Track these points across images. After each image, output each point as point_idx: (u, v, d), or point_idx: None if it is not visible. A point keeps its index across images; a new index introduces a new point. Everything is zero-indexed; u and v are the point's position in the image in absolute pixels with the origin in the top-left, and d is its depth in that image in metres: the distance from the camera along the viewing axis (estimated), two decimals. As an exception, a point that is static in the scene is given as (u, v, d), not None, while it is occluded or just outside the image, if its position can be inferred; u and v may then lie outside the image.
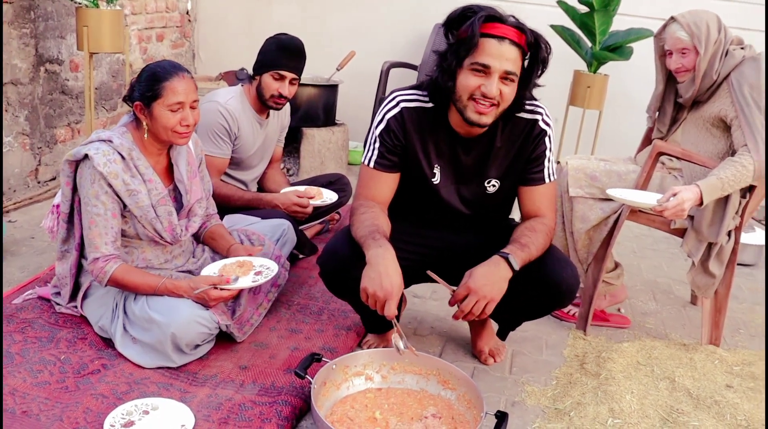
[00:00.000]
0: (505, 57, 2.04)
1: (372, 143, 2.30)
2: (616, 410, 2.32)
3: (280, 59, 3.08)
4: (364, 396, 2.26)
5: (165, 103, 2.32)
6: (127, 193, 2.34)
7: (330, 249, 2.31)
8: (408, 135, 2.26)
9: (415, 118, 2.26)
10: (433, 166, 2.31)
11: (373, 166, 2.29)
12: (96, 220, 2.32)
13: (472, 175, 2.34)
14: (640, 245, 4.28)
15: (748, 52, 2.74)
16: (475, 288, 2.06)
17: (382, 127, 2.27)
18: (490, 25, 2.04)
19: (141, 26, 4.98)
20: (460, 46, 2.07)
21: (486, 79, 2.06)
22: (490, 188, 2.36)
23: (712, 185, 2.56)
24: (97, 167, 2.28)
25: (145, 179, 2.39)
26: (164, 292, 2.34)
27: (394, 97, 2.28)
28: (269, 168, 3.50)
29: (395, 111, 2.26)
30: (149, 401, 2.11)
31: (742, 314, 3.37)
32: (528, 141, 2.29)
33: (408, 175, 2.34)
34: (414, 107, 2.26)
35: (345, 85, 4.89)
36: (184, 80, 2.35)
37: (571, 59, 5.01)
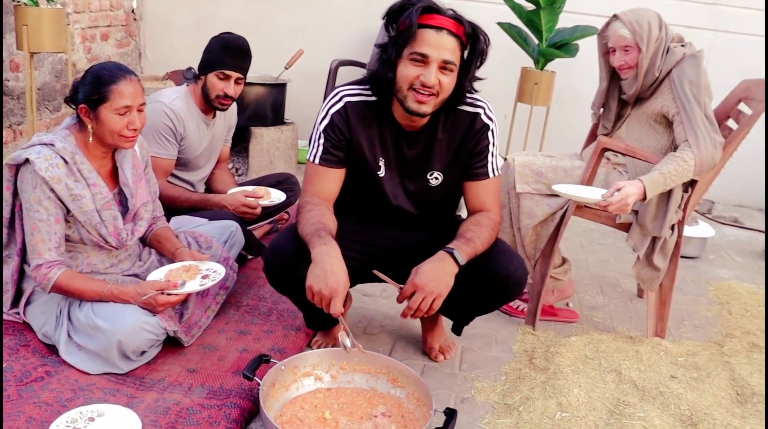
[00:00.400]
0: (443, 47, 2.07)
1: (317, 140, 2.30)
2: (564, 404, 2.35)
3: (224, 59, 3.05)
4: (313, 396, 2.25)
5: (112, 107, 2.27)
6: (70, 198, 2.29)
7: (275, 246, 2.30)
8: (352, 129, 2.27)
9: (359, 112, 2.27)
10: (378, 159, 2.32)
11: (318, 162, 2.29)
12: (38, 225, 2.27)
13: (416, 168, 2.35)
14: (588, 240, 4.34)
15: (689, 49, 2.79)
16: (422, 284, 2.06)
17: (326, 123, 2.27)
18: (428, 17, 2.07)
19: (84, 25, 4.88)
20: (399, 37, 2.10)
21: (425, 69, 2.09)
22: (432, 181, 2.37)
23: (655, 180, 2.61)
24: (38, 172, 2.22)
25: (89, 184, 2.34)
26: (110, 298, 2.30)
27: (337, 92, 2.30)
28: (217, 168, 3.46)
29: (339, 106, 2.27)
30: (95, 408, 2.07)
31: (686, 306, 3.44)
32: (470, 134, 2.31)
33: (353, 170, 2.34)
34: (357, 101, 2.27)
35: (293, 83, 4.86)
36: (131, 83, 2.30)
37: (518, 56, 5.06)
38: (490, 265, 2.26)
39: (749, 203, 5.57)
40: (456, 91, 2.18)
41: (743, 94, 3.00)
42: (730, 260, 4.27)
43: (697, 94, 2.70)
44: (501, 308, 3.09)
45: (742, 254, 4.41)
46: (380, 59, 2.17)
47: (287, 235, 2.28)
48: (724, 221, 5.08)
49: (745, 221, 5.13)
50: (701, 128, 2.65)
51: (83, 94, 2.29)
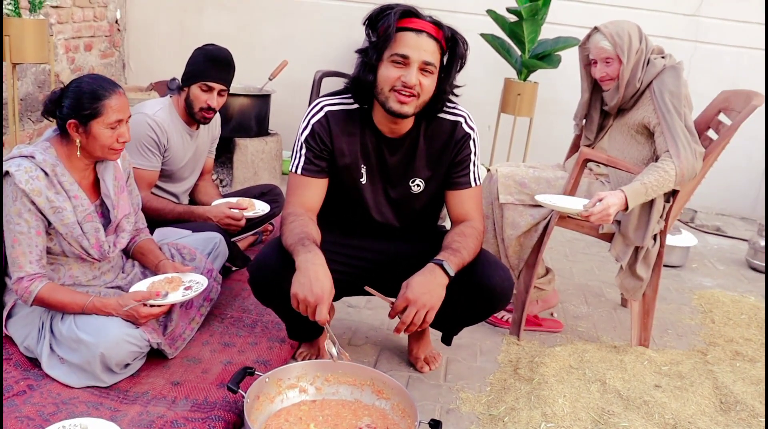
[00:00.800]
0: (423, 48, 2.10)
1: (299, 150, 2.31)
2: (549, 414, 2.35)
3: (208, 70, 3.04)
4: (298, 409, 2.24)
5: (105, 122, 2.27)
6: (51, 211, 2.27)
7: (260, 258, 2.30)
8: (334, 138, 2.28)
9: (340, 120, 2.28)
10: (360, 166, 2.33)
11: (300, 172, 2.30)
12: (19, 238, 2.25)
13: (398, 176, 2.36)
14: (572, 250, 4.36)
15: (669, 60, 2.82)
16: (414, 298, 2.06)
17: (308, 133, 2.29)
18: (408, 20, 2.11)
19: (68, 35, 4.86)
20: (379, 40, 2.13)
21: (405, 70, 2.11)
22: (414, 188, 2.38)
23: (636, 190, 2.63)
24: (18, 184, 2.21)
25: (70, 196, 2.32)
26: (92, 310, 2.29)
27: (318, 103, 2.32)
28: (200, 180, 3.45)
29: (320, 115, 2.29)
30: (78, 422, 2.04)
31: (669, 315, 3.46)
32: (451, 143, 2.33)
33: (336, 179, 2.35)
34: (338, 110, 2.29)
35: (278, 94, 4.86)
36: (121, 97, 2.32)
37: (501, 67, 5.09)
38: (476, 277, 2.27)
39: (731, 212, 5.63)
40: (436, 95, 2.20)
41: (723, 104, 3.03)
42: (713, 269, 4.30)
43: (678, 105, 2.73)
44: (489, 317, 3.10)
45: (725, 263, 4.44)
46: (361, 63, 2.20)
47: (272, 248, 2.28)
48: (706, 230, 5.11)
49: (727, 230, 5.17)
50: (682, 139, 2.68)
51: (71, 108, 2.27)
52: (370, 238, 2.45)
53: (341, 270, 2.28)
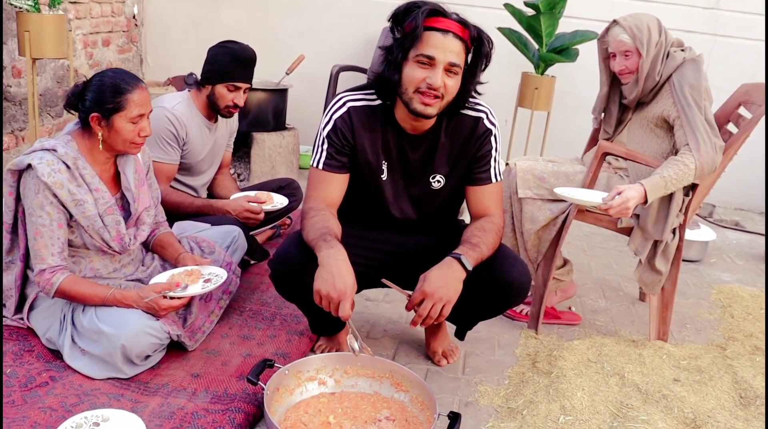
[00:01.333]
0: (449, 49, 2.08)
1: (320, 145, 2.31)
2: (567, 407, 2.35)
3: (235, 70, 3.05)
4: (317, 401, 2.25)
5: (128, 116, 2.30)
6: (73, 203, 2.29)
7: (281, 253, 2.30)
8: (356, 133, 2.28)
9: (363, 116, 2.28)
10: (381, 163, 2.32)
11: (322, 167, 2.30)
12: (41, 230, 2.28)
13: (419, 171, 2.36)
14: (590, 244, 4.35)
15: (688, 53, 2.80)
16: (431, 291, 2.06)
17: (330, 128, 2.28)
18: (434, 19, 2.08)
19: (86, 31, 4.90)
20: (405, 39, 2.11)
21: (431, 71, 2.10)
22: (435, 184, 2.37)
23: (656, 184, 2.62)
24: (41, 177, 2.23)
25: (92, 188, 2.34)
26: (113, 302, 2.31)
27: (340, 98, 2.31)
28: (219, 173, 3.47)
29: (342, 111, 2.28)
30: (99, 413, 2.06)
31: (688, 309, 3.44)
32: (473, 138, 2.32)
33: (357, 174, 2.35)
34: (360, 106, 2.28)
35: (295, 89, 4.88)
36: (143, 92, 2.34)
37: (518, 61, 5.07)
38: (494, 271, 2.26)
39: (750, 207, 5.58)
40: (460, 94, 2.19)
41: (743, 98, 3.01)
42: (732, 264, 4.27)
43: (698, 98, 2.71)
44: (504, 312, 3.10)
45: (744, 257, 4.42)
46: (385, 61, 2.19)
47: (292, 242, 2.28)
48: (725, 225, 5.08)
49: (746, 224, 5.14)
50: (702, 132, 2.66)
51: (94, 102, 2.29)
52: (389, 231, 2.45)
53: (361, 262, 2.28)
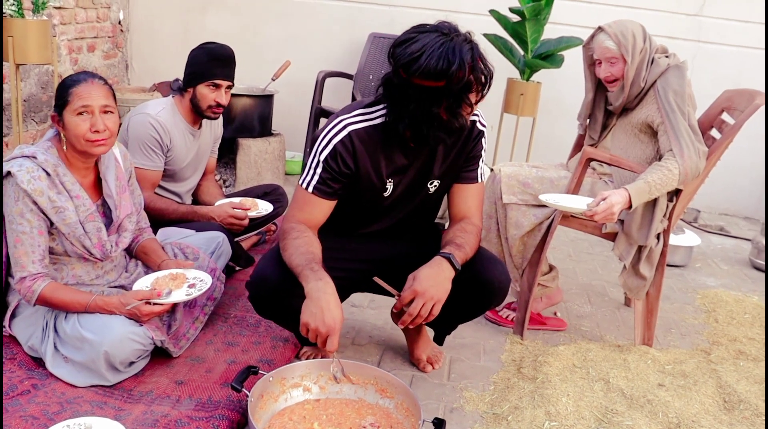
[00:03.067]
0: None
1: (314, 167, 2.23)
2: (552, 413, 2.35)
3: (213, 69, 3.05)
4: (302, 408, 2.24)
5: (72, 109, 2.26)
6: (53, 211, 2.28)
7: (259, 275, 2.27)
8: (359, 158, 2.20)
9: (365, 139, 2.20)
10: (386, 181, 2.29)
11: (311, 190, 2.24)
12: (22, 238, 2.26)
13: (419, 180, 2.34)
14: (576, 249, 4.36)
15: (672, 60, 2.82)
16: (421, 290, 2.06)
17: (328, 153, 2.19)
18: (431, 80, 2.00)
19: (71, 36, 4.87)
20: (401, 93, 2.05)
21: None
22: (431, 188, 2.37)
23: (640, 189, 2.63)
24: (20, 185, 2.21)
25: (72, 196, 2.33)
26: (95, 309, 2.29)
27: (340, 121, 2.21)
28: (203, 180, 3.46)
29: (343, 135, 2.18)
30: (82, 420, 2.04)
31: (673, 314, 3.45)
32: (468, 140, 2.32)
33: (358, 194, 2.30)
34: (362, 128, 2.20)
35: (280, 94, 4.87)
36: (93, 85, 2.29)
37: (504, 67, 5.08)
38: (474, 271, 2.27)
39: (734, 212, 5.62)
40: None
41: (725, 103, 3.03)
42: (717, 268, 4.29)
43: (681, 104, 2.72)
44: (489, 317, 3.10)
45: (728, 262, 4.44)
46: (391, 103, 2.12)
47: (270, 262, 2.26)
48: (710, 230, 5.11)
49: (730, 229, 5.17)
50: (685, 138, 2.67)
51: (54, 101, 2.32)
52: (372, 238, 2.44)
53: (347, 269, 2.29)
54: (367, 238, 2.44)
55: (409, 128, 2.10)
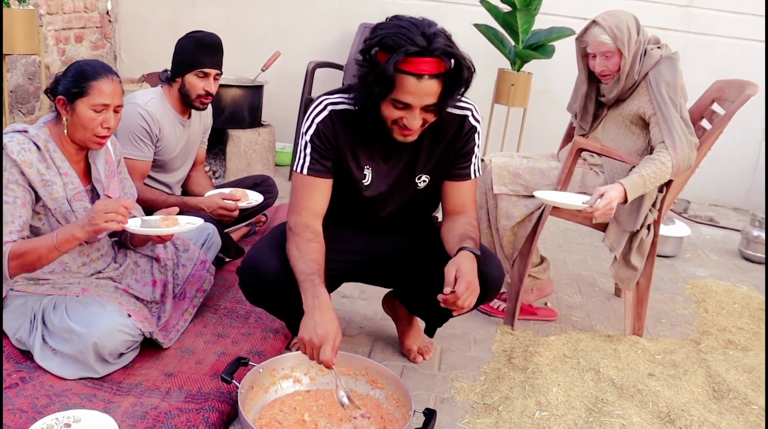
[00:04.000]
0: (425, 93, 1.99)
1: (303, 149, 2.23)
2: (543, 403, 2.35)
3: (201, 57, 3.04)
4: (292, 399, 2.24)
5: (89, 102, 2.28)
6: (41, 184, 2.27)
7: (250, 261, 2.26)
8: (339, 138, 2.21)
9: (344, 121, 2.21)
10: (363, 167, 2.27)
11: (306, 172, 2.22)
12: (4, 208, 2.23)
13: (404, 173, 2.32)
14: (566, 240, 4.37)
15: (665, 51, 2.81)
16: (472, 285, 2.06)
17: (312, 132, 2.21)
18: (409, 62, 1.94)
19: (58, 27, 4.84)
20: (378, 83, 1.99)
21: (407, 113, 2.03)
22: (420, 184, 2.34)
23: (635, 183, 2.62)
24: (10, 154, 2.20)
25: (61, 172, 2.32)
26: (63, 242, 2.21)
27: (321, 101, 2.23)
28: (193, 170, 3.44)
29: (324, 114, 2.21)
30: (71, 413, 2.04)
31: (663, 304, 3.46)
32: (459, 136, 2.29)
33: (339, 178, 2.29)
34: (342, 110, 2.21)
35: (270, 85, 4.85)
36: (112, 83, 2.32)
37: (495, 58, 5.08)
38: None
39: (724, 202, 5.64)
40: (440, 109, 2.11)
41: (716, 94, 3.03)
42: (706, 259, 4.31)
43: (674, 95, 2.72)
44: (480, 308, 3.10)
45: (718, 253, 4.46)
46: (361, 89, 2.08)
47: (262, 250, 2.26)
48: (699, 220, 5.12)
49: (720, 220, 5.19)
50: (677, 130, 2.67)
51: (64, 86, 2.30)
52: (369, 231, 2.43)
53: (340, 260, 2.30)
54: (361, 230, 2.43)
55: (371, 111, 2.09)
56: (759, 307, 3.46)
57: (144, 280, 2.59)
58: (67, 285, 2.39)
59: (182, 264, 2.71)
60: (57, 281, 2.39)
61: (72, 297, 2.35)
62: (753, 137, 5.41)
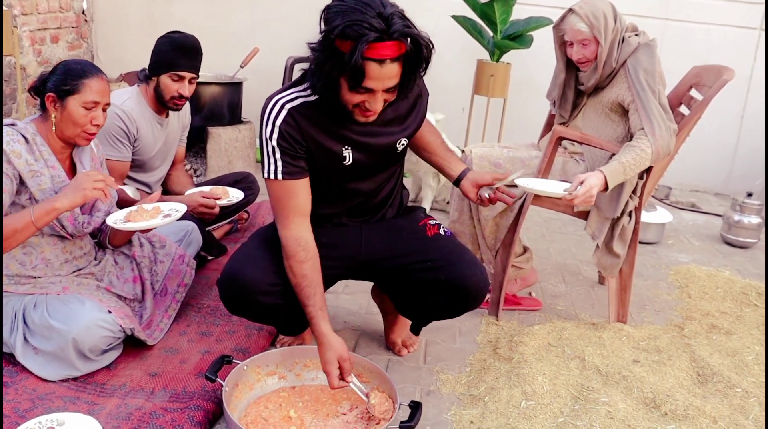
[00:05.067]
0: (387, 76, 1.96)
1: (271, 155, 2.15)
2: (528, 392, 2.36)
3: (177, 59, 3.01)
4: (277, 395, 2.23)
5: (81, 100, 2.31)
6: (29, 174, 2.26)
7: (229, 273, 2.23)
8: (304, 133, 2.14)
9: (306, 114, 2.14)
10: (342, 150, 2.21)
11: (282, 177, 2.15)
12: None
13: (383, 141, 2.26)
14: (549, 229, 4.37)
15: (642, 38, 2.81)
16: None
17: (277, 135, 2.12)
18: (370, 48, 1.89)
19: (33, 27, 4.78)
20: (341, 66, 1.94)
21: (369, 97, 2.00)
22: (400, 146, 2.32)
23: (615, 170, 2.62)
24: None
25: (48, 165, 2.33)
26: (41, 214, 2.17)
27: (275, 102, 2.14)
28: (173, 169, 3.42)
29: (283, 114, 2.11)
30: (54, 416, 2.02)
31: (646, 291, 3.48)
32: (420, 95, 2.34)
33: (317, 167, 2.23)
34: (299, 105, 2.13)
35: (249, 82, 4.82)
36: (102, 82, 2.37)
37: (473, 49, 5.07)
38: (453, 275, 2.26)
39: (705, 188, 5.67)
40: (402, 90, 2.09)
41: (694, 80, 3.04)
42: (689, 244, 4.33)
43: (652, 82, 2.72)
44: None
45: (700, 238, 4.48)
46: (317, 74, 2.02)
47: (241, 261, 2.24)
48: (681, 206, 5.15)
49: (702, 206, 5.21)
50: (656, 116, 2.67)
51: (53, 83, 2.33)
52: (359, 229, 2.41)
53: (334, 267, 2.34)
54: (350, 221, 2.41)
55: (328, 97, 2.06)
56: (741, 291, 3.48)
57: (124, 277, 2.58)
58: (48, 284, 2.38)
59: (160, 260, 2.69)
60: (38, 280, 2.37)
61: (53, 295, 2.34)
62: (731, 122, 5.44)
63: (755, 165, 5.43)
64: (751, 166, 5.47)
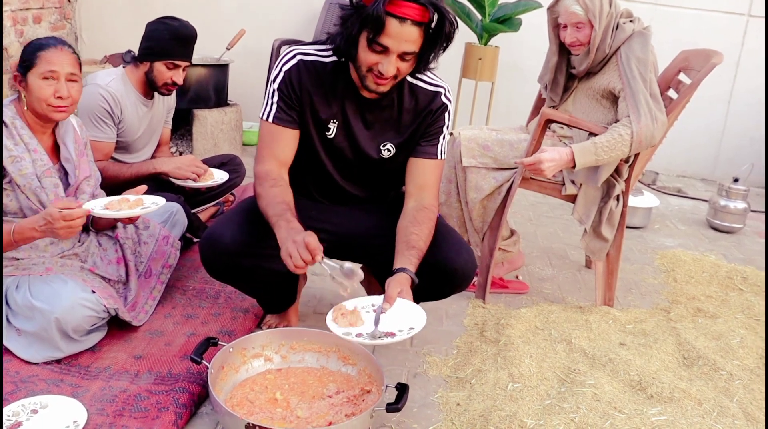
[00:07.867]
0: (405, 38, 1.98)
1: (270, 97, 2.23)
2: (515, 374, 2.36)
3: (174, 48, 3.00)
4: (263, 378, 2.22)
5: (38, 72, 2.28)
6: (9, 160, 2.24)
7: (211, 233, 2.22)
8: (303, 87, 2.20)
9: (313, 71, 2.20)
10: (330, 121, 2.24)
11: (272, 120, 2.22)
12: None
13: (369, 137, 2.28)
14: (536, 213, 4.37)
15: (637, 25, 2.79)
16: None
17: (280, 80, 2.20)
18: (395, 4, 1.94)
19: (15, 7, 4.72)
20: (361, 17, 1.99)
21: (384, 58, 2.01)
22: (384, 152, 2.30)
23: (585, 147, 2.62)
24: None
25: (30, 149, 2.30)
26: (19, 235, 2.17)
27: (291, 50, 2.22)
28: (158, 151, 3.38)
29: (292, 63, 2.20)
30: (38, 399, 2.00)
31: (633, 275, 3.49)
32: (429, 112, 2.27)
33: (303, 132, 2.26)
34: (311, 61, 2.20)
35: (236, 64, 4.79)
36: (61, 52, 2.32)
37: (461, 32, 5.02)
38: (440, 258, 2.23)
39: (692, 173, 5.69)
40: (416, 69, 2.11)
41: (682, 64, 3.03)
42: (675, 229, 4.34)
43: (644, 71, 2.71)
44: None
45: (686, 223, 4.49)
46: (342, 33, 2.07)
47: (223, 223, 2.24)
48: (668, 192, 5.16)
49: (688, 191, 5.23)
50: (644, 106, 2.65)
51: (19, 62, 2.32)
52: (334, 208, 2.40)
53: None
54: (330, 206, 2.40)
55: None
56: (727, 275, 3.50)
57: (108, 259, 2.55)
58: (31, 265, 2.35)
59: (144, 241, 2.67)
60: (21, 262, 2.34)
61: (36, 276, 2.31)
62: (719, 109, 5.46)
63: (741, 151, 5.46)
64: (737, 152, 5.51)
